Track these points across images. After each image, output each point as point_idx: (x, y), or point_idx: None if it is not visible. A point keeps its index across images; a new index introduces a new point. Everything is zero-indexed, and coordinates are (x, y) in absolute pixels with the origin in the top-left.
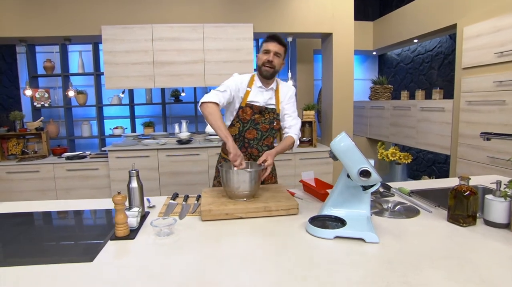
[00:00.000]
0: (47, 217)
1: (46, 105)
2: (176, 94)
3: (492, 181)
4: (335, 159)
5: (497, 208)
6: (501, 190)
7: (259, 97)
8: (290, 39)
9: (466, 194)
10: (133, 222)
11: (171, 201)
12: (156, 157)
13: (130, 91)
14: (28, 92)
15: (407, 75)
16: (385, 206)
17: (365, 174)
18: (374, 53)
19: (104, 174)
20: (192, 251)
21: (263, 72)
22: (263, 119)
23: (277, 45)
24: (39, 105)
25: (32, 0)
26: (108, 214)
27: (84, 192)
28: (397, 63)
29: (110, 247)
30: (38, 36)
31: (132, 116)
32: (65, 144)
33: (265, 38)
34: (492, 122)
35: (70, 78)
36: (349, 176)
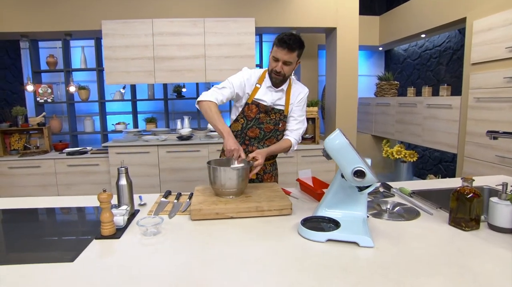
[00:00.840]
0: (33, 214)
1: (49, 100)
2: (178, 90)
3: (499, 182)
4: (328, 157)
5: (502, 212)
6: (507, 193)
7: (267, 96)
8: None
9: (469, 196)
10: (119, 220)
11: (162, 199)
12: (156, 153)
13: (132, 87)
14: (30, 88)
15: (414, 71)
16: (383, 207)
17: (359, 174)
18: (380, 48)
19: (105, 170)
20: (177, 252)
21: (271, 79)
22: (268, 119)
23: (287, 53)
24: (42, 101)
25: None
26: (99, 211)
27: (85, 187)
28: (404, 58)
29: (94, 247)
30: (39, 31)
31: (135, 112)
32: (68, 139)
33: (276, 39)
34: (502, 120)
35: (73, 73)
36: (343, 176)
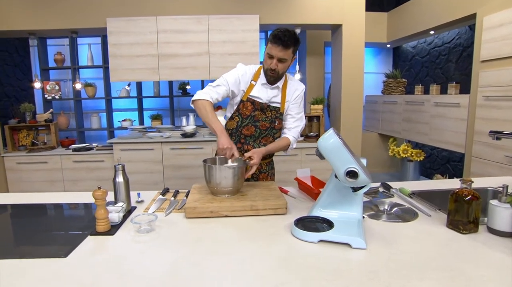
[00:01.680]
0: (31, 209)
1: (57, 97)
2: (184, 87)
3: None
4: (321, 157)
5: (501, 215)
6: (507, 195)
7: (262, 93)
8: (298, 30)
9: (467, 198)
10: (114, 217)
11: (160, 196)
12: (160, 150)
13: (138, 84)
14: (37, 85)
15: (423, 68)
16: (381, 208)
17: (352, 175)
18: (388, 45)
19: (109, 166)
20: (169, 250)
21: (266, 76)
22: (264, 117)
23: (282, 50)
24: (50, 97)
25: None
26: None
27: (90, 183)
28: (412, 56)
29: (88, 243)
30: (45, 29)
31: (140, 109)
32: (75, 136)
33: (271, 36)
34: (511, 119)
35: (80, 70)
36: (337, 176)
